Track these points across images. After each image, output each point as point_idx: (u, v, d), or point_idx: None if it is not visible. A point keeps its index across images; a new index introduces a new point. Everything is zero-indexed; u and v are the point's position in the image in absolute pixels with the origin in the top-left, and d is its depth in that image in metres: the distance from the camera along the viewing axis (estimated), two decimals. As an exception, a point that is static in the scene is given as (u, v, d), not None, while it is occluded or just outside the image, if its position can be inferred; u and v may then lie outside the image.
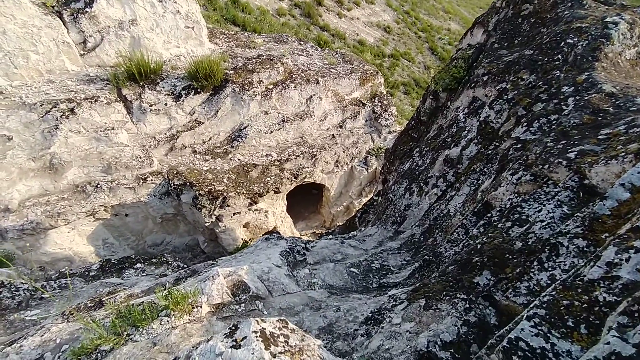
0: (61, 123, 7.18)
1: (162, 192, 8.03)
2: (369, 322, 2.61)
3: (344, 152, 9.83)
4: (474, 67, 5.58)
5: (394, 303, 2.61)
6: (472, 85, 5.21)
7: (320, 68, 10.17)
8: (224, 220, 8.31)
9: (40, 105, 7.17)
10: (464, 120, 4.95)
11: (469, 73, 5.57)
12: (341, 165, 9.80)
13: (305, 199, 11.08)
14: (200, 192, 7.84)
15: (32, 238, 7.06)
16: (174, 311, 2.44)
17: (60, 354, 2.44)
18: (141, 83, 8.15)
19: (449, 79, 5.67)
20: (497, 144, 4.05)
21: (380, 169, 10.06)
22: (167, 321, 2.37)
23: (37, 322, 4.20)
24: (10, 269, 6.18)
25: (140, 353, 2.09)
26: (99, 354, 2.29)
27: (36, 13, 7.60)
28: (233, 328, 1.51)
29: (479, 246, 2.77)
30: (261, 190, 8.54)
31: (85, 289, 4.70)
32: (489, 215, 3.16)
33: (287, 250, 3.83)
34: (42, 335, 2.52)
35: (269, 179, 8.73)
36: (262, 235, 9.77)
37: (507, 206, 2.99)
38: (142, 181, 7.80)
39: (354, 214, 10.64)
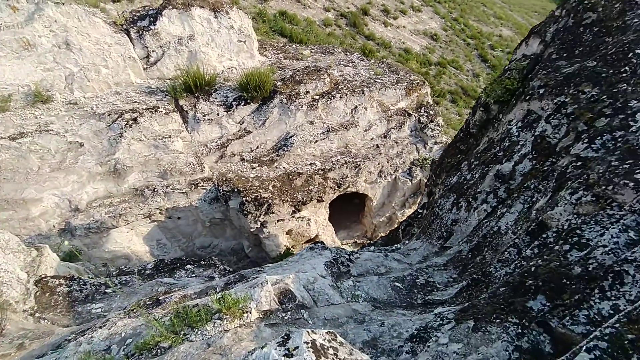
0: (125, 131, 7.81)
1: (211, 197, 8.43)
2: (414, 340, 2.59)
3: (387, 162, 9.77)
4: (529, 78, 5.36)
5: (441, 322, 2.57)
6: (527, 97, 5.00)
7: (366, 78, 10.22)
8: (268, 226, 8.55)
9: (108, 115, 7.85)
10: (517, 134, 4.76)
11: (523, 85, 5.35)
12: (385, 176, 9.74)
13: (347, 208, 11.10)
14: (247, 198, 8.14)
15: (96, 236, 7.70)
16: (226, 315, 2.59)
17: (125, 346, 2.67)
18: (196, 94, 8.67)
19: (501, 90, 5.49)
20: (553, 160, 3.86)
21: (425, 180, 9.86)
22: (220, 324, 2.52)
23: (101, 315, 4.58)
24: (78, 263, 6.78)
25: (196, 353, 2.24)
26: (158, 350, 2.48)
27: (107, 31, 8.37)
28: (285, 337, 1.59)
29: (533, 269, 2.66)
30: (305, 198, 8.70)
31: (143, 286, 5.06)
32: (544, 236, 3.02)
33: (332, 260, 3.89)
34: (110, 329, 2.78)
35: (312, 187, 8.87)
36: (304, 243, 9.95)
37: (565, 228, 2.85)
38: (194, 186, 8.26)
39: (396, 225, 10.50)
